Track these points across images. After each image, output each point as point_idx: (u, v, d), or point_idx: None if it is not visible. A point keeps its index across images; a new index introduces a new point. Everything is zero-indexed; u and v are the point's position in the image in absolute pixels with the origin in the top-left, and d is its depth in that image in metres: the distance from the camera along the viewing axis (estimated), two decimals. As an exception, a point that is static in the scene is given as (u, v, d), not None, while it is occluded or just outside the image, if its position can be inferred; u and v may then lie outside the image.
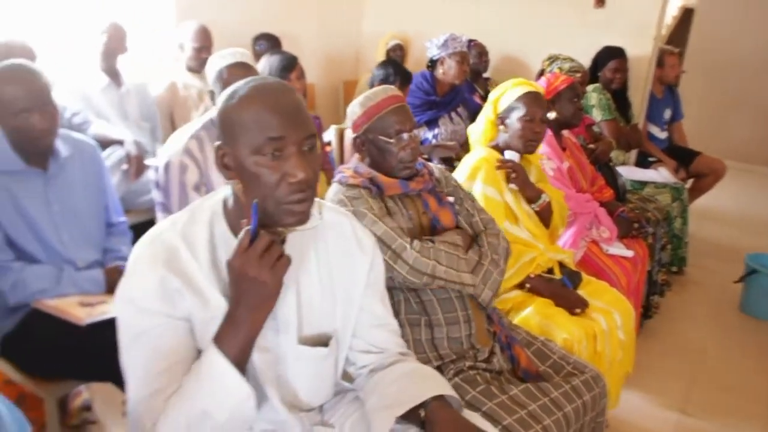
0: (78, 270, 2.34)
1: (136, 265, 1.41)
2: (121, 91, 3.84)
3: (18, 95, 2.16)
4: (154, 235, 1.45)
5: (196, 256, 1.42)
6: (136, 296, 1.38)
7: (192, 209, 1.49)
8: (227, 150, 1.39)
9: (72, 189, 2.38)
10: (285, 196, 1.36)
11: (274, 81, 1.41)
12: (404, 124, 2.13)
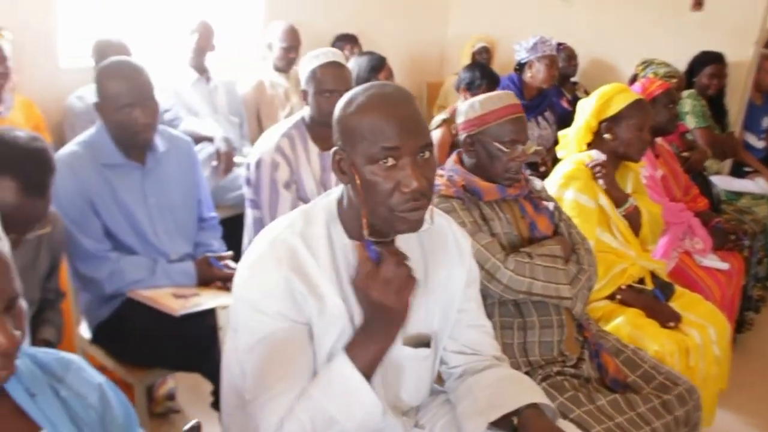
0: (171, 262, 2.41)
1: (259, 266, 1.43)
2: (210, 87, 3.97)
3: (122, 91, 2.25)
4: (273, 236, 1.46)
5: (316, 259, 1.44)
6: (260, 298, 1.40)
7: (306, 210, 1.51)
8: (344, 155, 1.41)
9: (167, 183, 2.46)
10: (399, 205, 1.38)
11: (392, 88, 1.42)
12: (520, 135, 2.12)
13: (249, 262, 1.45)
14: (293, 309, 1.41)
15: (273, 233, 1.47)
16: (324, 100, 2.61)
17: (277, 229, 1.48)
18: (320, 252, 1.44)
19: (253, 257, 1.45)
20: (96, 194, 2.29)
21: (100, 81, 2.30)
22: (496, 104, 2.13)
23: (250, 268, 1.44)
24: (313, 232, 1.46)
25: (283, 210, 2.59)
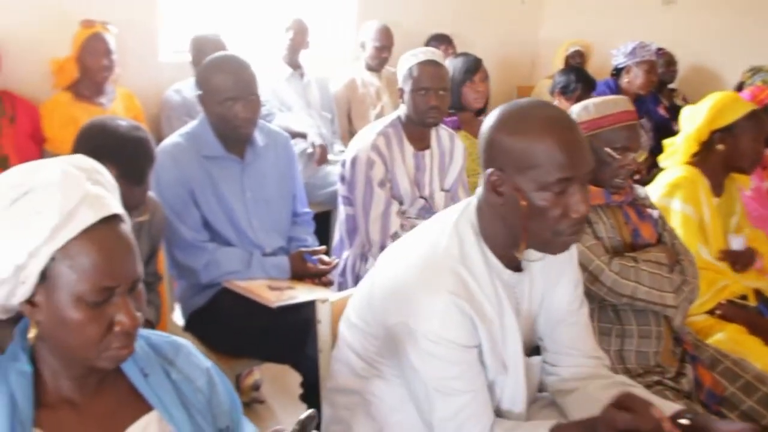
0: (265, 256, 2.46)
1: (432, 297, 1.45)
2: (304, 82, 4.04)
3: (226, 84, 2.30)
4: (436, 264, 1.48)
5: (479, 284, 1.48)
6: (439, 329, 1.43)
7: (454, 229, 1.52)
8: (503, 177, 1.42)
9: (264, 177, 2.51)
10: (565, 230, 1.40)
11: (558, 111, 1.43)
12: (633, 143, 2.09)
13: (419, 292, 1.47)
14: (470, 336, 1.45)
15: (435, 259, 1.49)
16: (420, 98, 2.62)
17: (436, 255, 1.49)
18: (482, 278, 1.48)
19: (421, 287, 1.47)
20: (196, 185, 2.35)
21: (206, 73, 2.36)
22: (612, 109, 2.09)
23: (425, 300, 1.45)
24: (471, 258, 1.49)
25: (377, 208, 2.62)
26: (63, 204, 1.02)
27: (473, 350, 1.47)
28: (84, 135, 1.89)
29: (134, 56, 3.75)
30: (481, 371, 1.49)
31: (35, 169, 1.07)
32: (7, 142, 3.26)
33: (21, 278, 1.04)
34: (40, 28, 3.56)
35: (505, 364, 1.52)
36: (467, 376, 1.46)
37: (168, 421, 1.20)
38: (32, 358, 1.13)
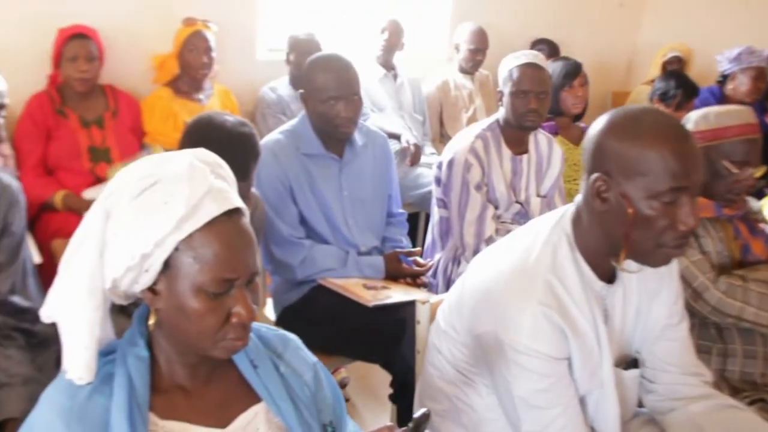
0: (359, 255, 2.49)
1: (524, 308, 1.44)
2: (397, 84, 4.07)
3: (329, 84, 2.34)
4: (527, 271, 1.47)
5: (571, 296, 1.46)
6: (530, 342, 1.43)
7: (547, 237, 1.51)
8: (609, 183, 1.40)
9: (362, 177, 2.54)
10: (670, 241, 1.38)
11: (671, 119, 1.41)
12: (753, 157, 2.03)
13: (508, 301, 1.46)
14: (560, 347, 1.44)
15: (524, 269, 1.48)
16: (519, 101, 2.61)
17: (528, 263, 1.48)
18: (574, 289, 1.46)
19: (511, 296, 1.47)
20: (295, 182, 2.40)
21: (310, 72, 2.41)
22: (734, 120, 2.03)
23: (514, 309, 1.45)
24: (564, 268, 1.47)
25: (473, 211, 2.62)
26: (189, 196, 1.06)
27: (563, 362, 1.45)
28: (191, 129, 1.96)
29: (232, 54, 3.85)
30: (571, 384, 1.47)
31: (163, 161, 1.11)
32: (110, 134, 3.39)
33: (145, 266, 1.08)
34: (143, 25, 3.69)
35: (600, 379, 1.50)
36: (557, 388, 1.44)
37: (275, 412, 1.22)
38: (149, 344, 1.18)
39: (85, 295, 1.09)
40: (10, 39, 3.41)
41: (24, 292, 1.98)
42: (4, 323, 1.94)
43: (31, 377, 1.89)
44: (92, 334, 1.10)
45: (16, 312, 1.95)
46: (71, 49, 3.25)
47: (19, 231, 1.97)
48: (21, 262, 1.98)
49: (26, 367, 1.90)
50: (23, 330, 1.96)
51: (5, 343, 1.92)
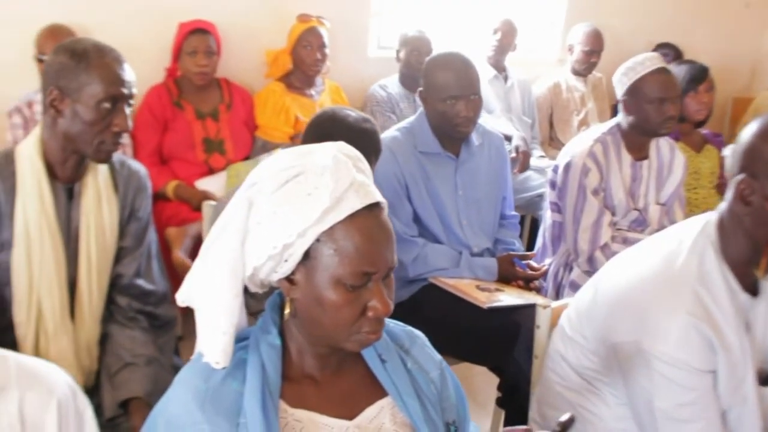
0: (472, 256, 2.49)
1: (670, 319, 1.43)
2: (507, 85, 4.05)
3: (449, 82, 2.36)
4: (673, 281, 1.46)
5: (718, 304, 1.44)
6: (674, 352, 1.42)
7: (694, 244, 1.49)
8: (754, 185, 1.39)
9: (477, 177, 2.55)
10: None
11: None
12: None
13: (654, 311, 1.46)
14: (707, 360, 1.42)
15: (670, 278, 1.47)
16: (655, 109, 2.54)
17: (672, 272, 1.47)
18: (722, 300, 1.44)
19: (656, 305, 1.46)
20: (411, 180, 2.43)
21: (430, 70, 2.43)
22: None
23: (661, 319, 1.44)
24: (711, 278, 1.45)
25: (588, 217, 2.58)
26: (334, 189, 1.08)
27: (709, 376, 1.42)
28: (314, 123, 2.00)
29: (344, 50, 3.91)
30: (715, 399, 1.44)
31: (307, 153, 1.14)
32: (224, 126, 3.51)
33: (285, 256, 1.11)
34: (258, 20, 3.80)
35: (743, 394, 1.46)
36: (701, 402, 1.42)
37: (401, 408, 1.24)
38: (281, 333, 1.21)
39: (227, 282, 1.13)
40: (130, 32, 3.56)
41: (148, 276, 2.05)
42: (129, 305, 2.02)
43: (154, 358, 1.96)
44: (231, 321, 1.14)
45: (141, 295, 2.03)
46: (191, 44, 3.38)
47: (144, 216, 2.05)
48: (146, 246, 2.06)
49: (150, 348, 1.97)
50: (147, 313, 2.04)
51: (130, 325, 2.00)
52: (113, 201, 1.95)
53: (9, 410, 1.14)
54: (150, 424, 1.21)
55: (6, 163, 1.83)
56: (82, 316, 1.93)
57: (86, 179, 1.90)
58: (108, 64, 1.77)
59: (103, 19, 3.49)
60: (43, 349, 1.88)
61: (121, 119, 1.79)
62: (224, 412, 1.12)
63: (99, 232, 1.91)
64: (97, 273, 1.92)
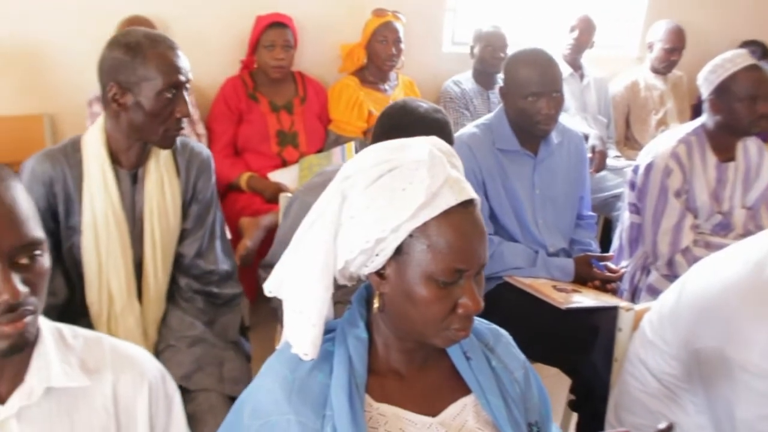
0: (548, 255, 2.47)
1: (752, 323, 1.40)
2: (582, 84, 3.99)
3: (532, 79, 2.33)
4: (761, 287, 1.43)
5: None
6: (755, 358, 1.38)
7: None
8: None
9: (555, 176, 2.52)
10: None
11: None
12: None
13: (739, 318, 1.42)
14: None
15: (758, 284, 1.43)
16: (746, 107, 2.48)
17: (761, 279, 1.43)
18: None
19: (742, 312, 1.42)
20: (488, 177, 2.41)
21: (512, 66, 2.41)
22: None
23: (746, 327, 1.41)
24: None
25: (669, 219, 2.53)
26: (429, 184, 1.08)
27: None
28: (385, 115, 1.99)
29: (418, 46, 3.92)
30: None
31: (401, 148, 1.14)
32: (298, 119, 3.55)
33: (377, 250, 1.11)
34: (333, 14, 3.84)
35: None
36: None
37: (484, 406, 1.23)
38: (368, 326, 1.22)
39: (318, 274, 1.14)
40: (208, 24, 3.64)
41: (209, 256, 2.11)
42: (188, 285, 2.09)
43: (200, 338, 2.02)
44: (321, 313, 1.15)
45: (202, 275, 2.10)
46: (269, 37, 3.43)
47: (206, 198, 2.10)
48: (207, 227, 2.11)
49: (197, 329, 2.03)
50: (205, 292, 2.10)
51: (185, 305, 2.07)
52: (175, 184, 2.01)
53: (104, 392, 1.18)
54: (236, 409, 1.24)
55: (73, 151, 1.91)
56: (148, 296, 2.01)
57: (149, 164, 1.97)
58: (163, 54, 1.81)
59: (182, 11, 3.58)
60: (113, 328, 1.97)
61: (183, 105, 1.85)
62: (310, 403, 1.14)
63: (162, 215, 1.98)
64: (161, 254, 2.00)
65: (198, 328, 2.05)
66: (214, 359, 1.99)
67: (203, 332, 2.05)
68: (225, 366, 2.00)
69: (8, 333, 1.00)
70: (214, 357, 2.00)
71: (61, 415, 1.13)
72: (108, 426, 1.18)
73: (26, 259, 1.02)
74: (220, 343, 2.07)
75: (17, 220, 1.01)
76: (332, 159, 3.30)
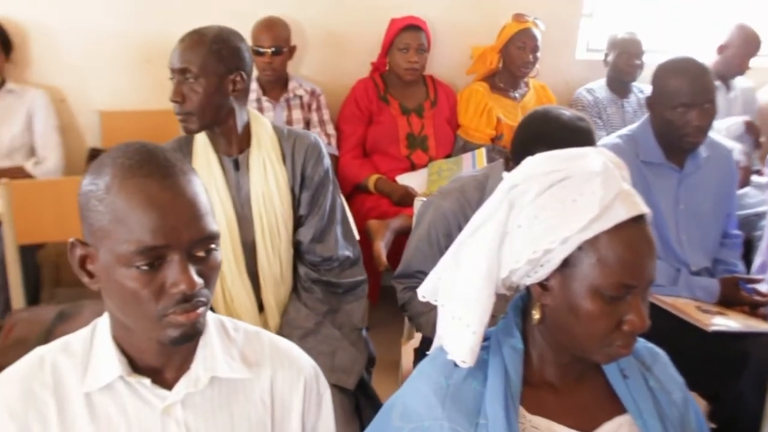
0: (691, 274, 2.39)
1: None
2: (729, 96, 3.84)
3: (682, 89, 2.27)
4: None
5: None
6: None
7: None
8: None
9: (701, 191, 2.44)
10: None
11: None
12: None
13: None
14: None
15: None
16: None
17: None
18: None
19: None
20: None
21: (660, 76, 2.35)
22: None
23: None
24: None
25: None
26: (603, 196, 1.07)
27: None
28: (526, 122, 1.97)
29: (551, 51, 3.85)
30: None
31: (572, 158, 1.13)
32: (428, 123, 3.59)
33: (542, 261, 1.11)
34: (467, 17, 3.83)
35: None
36: None
37: (641, 427, 1.21)
38: (523, 337, 1.22)
39: (482, 282, 1.15)
40: (341, 25, 3.72)
41: (327, 241, 2.18)
42: (306, 275, 2.18)
43: (313, 330, 2.10)
44: (482, 321, 1.16)
45: (320, 262, 2.18)
46: (403, 40, 3.47)
47: (316, 183, 2.16)
48: (322, 213, 2.17)
49: (311, 320, 2.12)
50: (324, 282, 2.18)
51: (304, 295, 2.17)
52: (280, 170, 2.11)
53: (262, 385, 1.23)
54: (385, 410, 1.27)
55: (186, 142, 2.12)
56: (264, 277, 2.13)
57: (251, 151, 2.10)
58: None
59: (316, 12, 3.67)
60: (228, 301, 2.11)
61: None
62: (464, 411, 1.15)
63: (268, 200, 2.10)
64: (270, 236, 2.11)
65: (313, 320, 2.13)
66: (327, 348, 2.06)
67: (318, 324, 2.12)
68: (337, 355, 2.07)
69: (182, 322, 1.05)
70: (328, 346, 2.07)
71: (222, 405, 1.18)
72: (264, 419, 1.22)
73: (202, 252, 1.06)
74: (337, 333, 2.14)
75: (198, 213, 1.05)
76: (462, 164, 3.31)
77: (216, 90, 1.98)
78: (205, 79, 1.96)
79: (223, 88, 2.00)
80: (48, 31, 3.51)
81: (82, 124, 3.68)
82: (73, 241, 1.08)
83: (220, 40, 1.99)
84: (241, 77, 2.02)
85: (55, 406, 1.10)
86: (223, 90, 2.00)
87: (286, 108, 3.50)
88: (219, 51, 1.98)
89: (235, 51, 2.02)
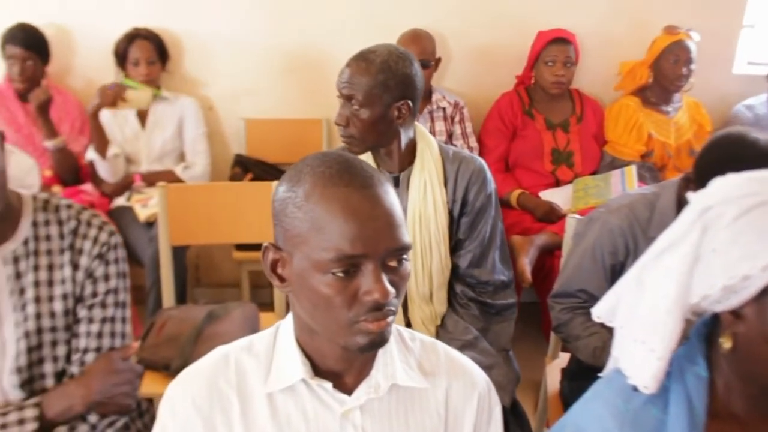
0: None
1: None
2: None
3: None
4: None
5: None
6: None
7: None
8: None
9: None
10: None
11: None
12: None
13: None
14: None
15: None
16: None
17: None
18: None
19: None
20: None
21: None
22: None
23: None
24: None
25: None
26: None
27: None
28: (714, 146, 1.89)
29: (706, 65, 3.72)
30: None
31: None
32: (574, 138, 3.53)
33: (738, 288, 1.06)
34: (615, 29, 3.76)
35: None
36: None
37: None
38: (708, 364, 1.18)
39: (670, 306, 1.12)
40: (487, 38, 3.72)
41: (484, 266, 2.19)
42: (463, 293, 2.20)
43: (470, 343, 2.13)
44: (669, 346, 1.13)
45: (476, 284, 2.20)
46: (550, 53, 3.44)
47: (476, 209, 2.16)
48: (480, 238, 2.17)
49: (470, 334, 2.15)
50: (479, 301, 2.20)
51: (461, 311, 2.19)
52: (439, 192, 2.12)
53: (437, 396, 1.25)
54: (558, 428, 1.25)
55: None
56: (411, 296, 2.16)
57: (413, 170, 2.11)
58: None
59: (461, 24, 3.69)
60: None
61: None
62: None
63: (424, 219, 2.10)
64: (422, 256, 2.12)
65: (471, 333, 2.15)
66: (484, 363, 2.04)
67: (476, 338, 2.14)
68: (494, 371, 2.06)
69: (372, 330, 1.07)
70: (484, 361, 2.06)
71: (398, 413, 1.21)
72: (438, 429, 1.24)
73: (395, 262, 1.09)
74: (492, 350, 2.15)
75: (394, 224, 1.08)
76: (610, 182, 3.24)
77: (380, 118, 1.99)
78: (370, 109, 1.97)
79: (388, 116, 2.00)
80: (199, 42, 3.69)
81: (228, 131, 3.85)
82: (267, 246, 1.13)
83: (387, 69, 1.96)
84: (407, 105, 2.01)
85: (238, 404, 1.16)
86: (387, 118, 2.00)
87: (429, 120, 3.53)
88: (385, 82, 1.96)
89: (402, 79, 1.99)
